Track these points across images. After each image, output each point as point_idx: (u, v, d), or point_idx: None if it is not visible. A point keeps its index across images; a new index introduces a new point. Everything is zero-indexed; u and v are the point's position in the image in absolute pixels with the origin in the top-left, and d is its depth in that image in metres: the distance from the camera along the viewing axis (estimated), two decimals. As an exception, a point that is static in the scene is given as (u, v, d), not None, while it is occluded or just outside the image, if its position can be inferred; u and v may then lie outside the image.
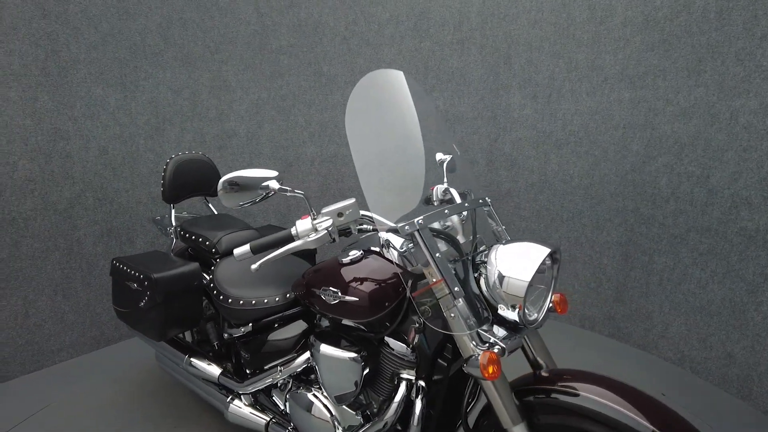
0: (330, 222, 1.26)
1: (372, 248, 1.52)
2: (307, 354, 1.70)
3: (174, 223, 2.22)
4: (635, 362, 2.60)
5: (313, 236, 1.24)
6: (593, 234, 2.85)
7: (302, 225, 1.27)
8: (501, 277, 1.21)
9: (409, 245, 1.50)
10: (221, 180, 1.27)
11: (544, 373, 1.32)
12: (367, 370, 1.44)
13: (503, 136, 3.09)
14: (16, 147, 2.43)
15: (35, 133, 2.48)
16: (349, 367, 1.44)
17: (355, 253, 1.45)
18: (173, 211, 2.24)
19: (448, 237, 1.34)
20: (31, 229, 2.52)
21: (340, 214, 1.27)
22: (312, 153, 3.33)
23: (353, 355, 1.44)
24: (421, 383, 1.38)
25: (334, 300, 1.40)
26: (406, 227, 1.20)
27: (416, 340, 1.38)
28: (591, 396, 1.18)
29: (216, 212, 2.41)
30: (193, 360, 1.97)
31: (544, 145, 2.96)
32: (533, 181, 3.05)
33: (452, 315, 1.19)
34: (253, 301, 1.73)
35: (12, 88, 2.38)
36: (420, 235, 1.20)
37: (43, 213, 2.55)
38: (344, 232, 1.32)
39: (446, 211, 1.29)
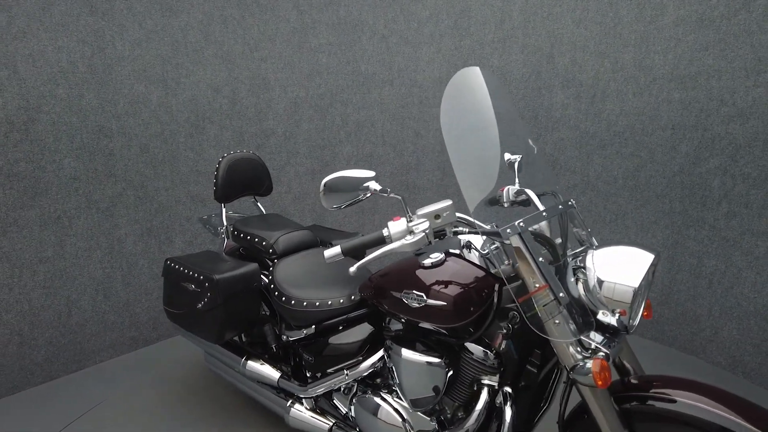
0: (427, 224, 1.23)
1: (451, 250, 1.49)
2: (375, 357, 1.67)
3: (225, 223, 2.19)
4: (681, 366, 2.57)
5: (411, 239, 1.20)
6: (638, 236, 2.81)
7: (396, 227, 1.24)
8: (603, 282, 1.18)
9: (492, 247, 1.47)
10: (324, 181, 1.24)
11: (633, 380, 1.28)
12: (449, 376, 1.41)
13: (545, 135, 3.05)
14: (63, 145, 2.40)
15: (80, 131, 2.45)
16: (432, 373, 1.41)
17: (437, 255, 1.41)
18: (224, 210, 2.21)
19: (544, 240, 1.30)
20: (75, 227, 2.49)
21: (437, 216, 1.24)
22: (348, 152, 3.29)
23: (437, 360, 1.41)
24: (508, 390, 1.35)
25: (418, 304, 1.36)
26: (508, 230, 1.17)
27: (503, 345, 1.35)
28: (689, 402, 1.15)
29: (264, 212, 2.39)
30: (250, 363, 1.94)
31: (588, 145, 2.93)
32: (575, 182, 3.01)
33: (557, 322, 1.15)
34: (317, 303, 1.70)
35: (60, 85, 2.35)
36: (522, 239, 1.17)
37: (86, 211, 2.52)
38: (439, 234, 1.29)
39: (544, 213, 1.25)
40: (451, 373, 1.41)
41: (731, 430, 1.07)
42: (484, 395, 1.38)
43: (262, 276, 1.92)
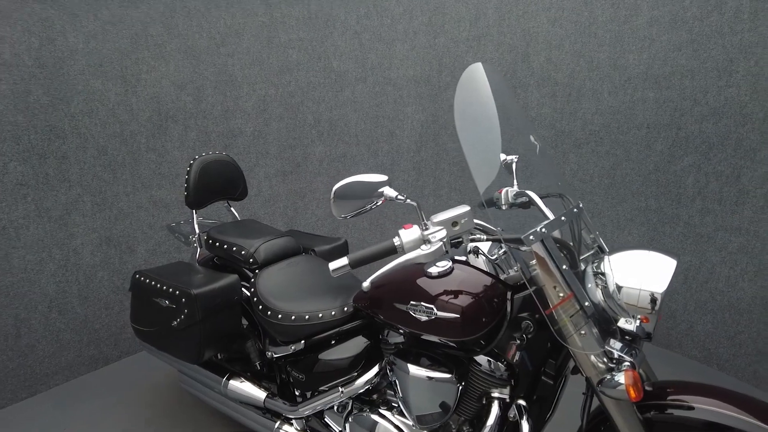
0: (444, 233, 1.14)
1: (456, 256, 1.41)
2: (372, 373, 1.57)
3: (197, 231, 2.02)
4: (658, 360, 2.61)
5: (427, 249, 1.11)
6: (613, 234, 2.85)
7: (408, 236, 1.14)
8: (625, 288, 1.13)
9: (500, 252, 1.40)
10: (335, 187, 1.13)
11: (647, 387, 1.25)
12: (459, 392, 1.33)
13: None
14: (7, 147, 2.15)
15: (28, 131, 2.21)
16: (442, 389, 1.33)
17: (444, 264, 1.33)
18: (195, 216, 2.04)
19: (561, 245, 1.24)
20: (23, 238, 2.25)
21: (454, 224, 1.15)
22: (321, 152, 3.17)
23: (447, 375, 1.32)
24: (522, 403, 1.29)
25: (428, 317, 1.27)
26: (531, 237, 1.10)
27: (516, 356, 1.28)
28: (707, 407, 1.12)
29: (239, 217, 2.23)
30: (233, 382, 1.79)
31: (563, 144, 2.93)
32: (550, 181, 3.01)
33: (582, 332, 1.10)
34: (307, 316, 1.59)
35: (2, 80, 2.11)
36: (545, 245, 1.11)
37: (36, 220, 2.28)
38: (455, 242, 1.20)
39: (563, 218, 1.19)
40: (461, 388, 1.33)
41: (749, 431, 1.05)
42: (495, 409, 1.31)
43: (242, 288, 1.78)
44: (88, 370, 2.56)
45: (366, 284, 1.14)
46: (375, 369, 1.57)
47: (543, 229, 1.11)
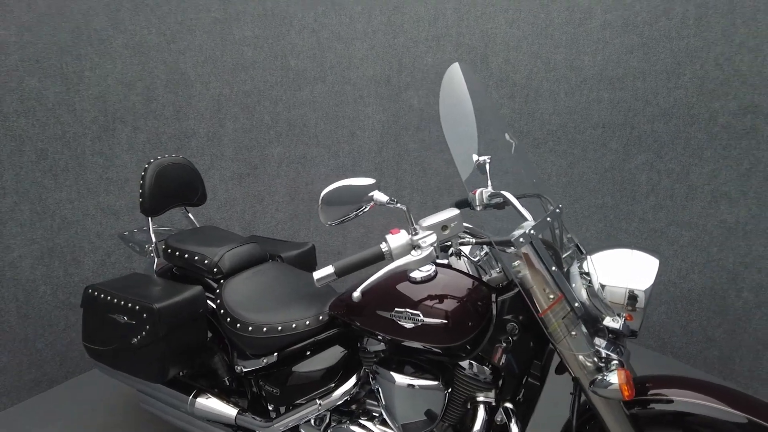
0: (434, 237, 1.10)
1: (438, 260, 1.38)
2: (350, 383, 1.52)
3: (154, 239, 1.89)
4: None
5: (418, 254, 1.07)
6: (572, 231, 2.92)
7: (396, 241, 1.10)
8: (610, 287, 1.15)
9: (482, 253, 1.38)
10: (324, 192, 1.07)
11: None
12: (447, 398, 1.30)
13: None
14: (-69, 151, 1.93)
15: (-45, 134, 2.00)
16: (429, 396, 1.30)
17: (428, 269, 1.30)
18: (151, 224, 1.91)
19: (548, 247, 1.24)
20: (-49, 253, 2.03)
21: (444, 228, 1.12)
22: (279, 154, 3.07)
23: (434, 383, 1.29)
24: (509, 406, 1.28)
25: (414, 324, 1.24)
26: (521, 239, 1.08)
27: (503, 360, 1.27)
28: (684, 399, 1.16)
29: (197, 224, 2.11)
30: (200, 400, 1.68)
31: (522, 144, 2.98)
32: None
33: (573, 334, 1.10)
34: (280, 327, 1.52)
35: (-77, 77, 1.89)
36: (534, 247, 1.10)
37: (-34, 233, 2.06)
38: (444, 246, 1.17)
39: (548, 219, 1.19)
40: (448, 394, 1.31)
41: (724, 420, 1.09)
42: (481, 414, 1.29)
43: (207, 300, 1.68)
44: (30, 394, 2.35)
45: (357, 294, 1.08)
46: (353, 379, 1.52)
47: (532, 231, 1.10)
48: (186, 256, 1.75)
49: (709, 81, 2.33)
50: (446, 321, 1.20)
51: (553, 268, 1.10)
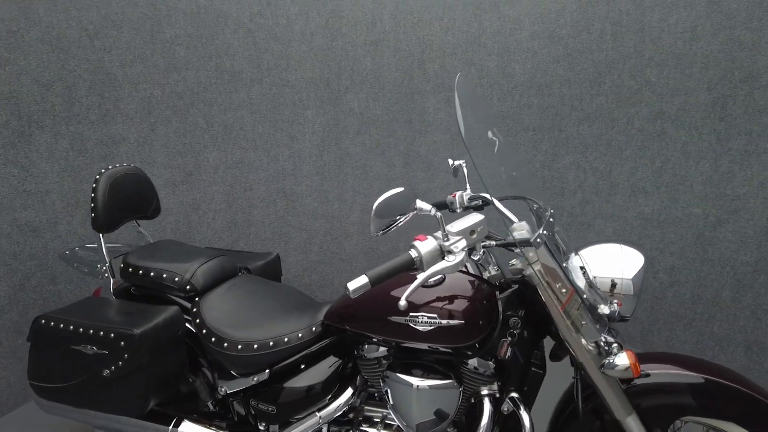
0: (464, 242, 1.14)
1: None
2: (348, 393, 1.51)
3: (107, 258, 1.72)
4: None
5: (453, 260, 1.10)
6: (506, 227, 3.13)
7: (425, 247, 1.12)
8: (599, 278, 1.27)
9: (480, 252, 1.45)
10: (375, 204, 1.06)
11: None
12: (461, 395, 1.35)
13: (419, 139, 3.16)
14: None
15: None
16: (445, 396, 1.33)
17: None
18: (103, 241, 1.73)
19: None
20: None
21: (472, 233, 1.16)
22: (215, 159, 2.91)
23: (449, 381, 1.33)
24: (515, 395, 1.35)
25: (430, 327, 1.27)
26: (538, 240, 1.16)
27: (508, 353, 1.34)
28: (659, 371, 1.33)
29: (151, 238, 1.95)
30: (184, 429, 1.56)
31: (459, 147, 3.13)
32: (448, 181, 3.20)
33: (583, 323, 1.20)
34: (271, 343, 1.47)
35: None
36: (548, 247, 1.18)
37: None
38: (470, 251, 1.21)
39: (551, 219, 1.28)
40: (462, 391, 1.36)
41: (687, 383, 1.27)
42: (487, 406, 1.36)
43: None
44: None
45: (403, 303, 1.08)
46: (350, 388, 1.51)
47: (545, 231, 1.18)
48: (152, 274, 1.61)
49: (625, 89, 2.63)
50: (462, 321, 1.25)
51: (564, 264, 1.19)
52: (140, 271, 1.62)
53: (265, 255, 2.01)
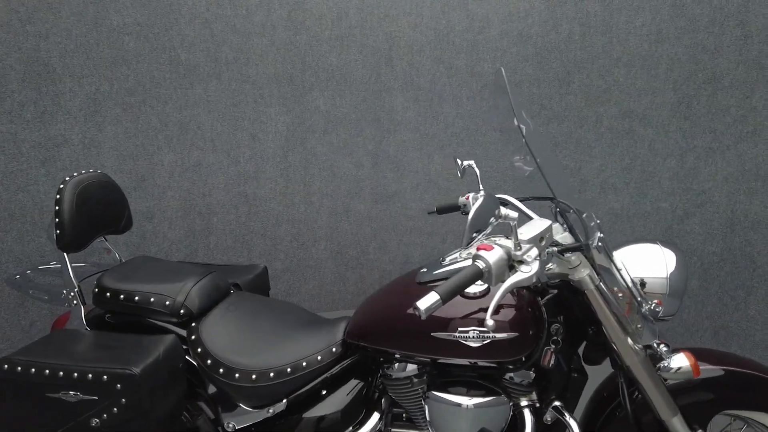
0: (536, 251, 1.06)
1: None
2: (375, 418, 1.38)
3: (75, 282, 1.46)
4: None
5: (529, 270, 1.02)
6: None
7: (492, 257, 1.03)
8: (642, 278, 1.25)
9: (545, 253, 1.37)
10: (472, 216, 0.96)
11: None
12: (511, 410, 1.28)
13: (387, 138, 3.07)
14: None
15: None
16: (497, 413, 1.25)
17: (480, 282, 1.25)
18: (69, 263, 1.47)
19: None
20: None
21: (541, 239, 1.09)
22: (170, 162, 2.63)
23: (498, 397, 1.25)
24: (558, 404, 1.30)
25: (481, 342, 1.18)
26: (600, 243, 1.12)
27: (551, 361, 1.29)
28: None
29: (119, 258, 1.69)
30: None
31: (428, 146, 3.07)
32: (418, 182, 3.14)
33: (639, 326, 1.17)
34: (289, 369, 1.32)
35: None
36: (607, 248, 1.14)
37: None
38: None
39: (598, 221, 1.24)
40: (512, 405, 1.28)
41: (719, 376, 1.30)
42: (529, 418, 1.30)
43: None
44: None
45: (490, 322, 0.98)
46: (376, 413, 1.39)
47: (601, 234, 1.14)
48: (136, 298, 1.38)
49: (594, 89, 2.70)
50: (516, 333, 1.17)
51: (619, 268, 1.16)
52: (121, 296, 1.39)
53: (251, 268, 1.82)
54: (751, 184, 2.30)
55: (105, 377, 1.14)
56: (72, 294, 1.45)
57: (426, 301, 0.96)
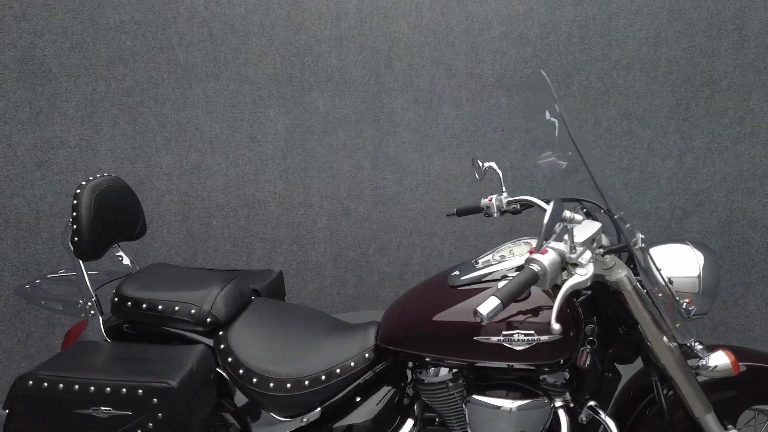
0: (589, 254, 1.06)
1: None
2: (409, 425, 1.37)
3: (92, 291, 1.40)
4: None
5: (585, 273, 1.02)
6: (477, 227, 3.13)
7: (546, 260, 1.02)
8: (672, 277, 1.27)
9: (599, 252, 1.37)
10: (547, 223, 0.95)
11: None
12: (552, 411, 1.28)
13: (387, 139, 3.05)
14: None
15: None
16: (538, 415, 1.25)
17: None
18: (85, 271, 1.40)
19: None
20: None
21: (593, 242, 1.09)
22: (169, 164, 2.56)
23: (540, 399, 1.25)
24: (593, 403, 1.31)
25: (527, 345, 1.17)
26: (643, 244, 1.13)
27: (587, 361, 1.30)
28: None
29: (131, 265, 1.63)
30: None
31: (428, 147, 3.07)
32: (418, 183, 3.13)
33: (677, 325, 1.18)
34: (323, 377, 1.29)
35: None
36: (648, 252, 1.15)
37: None
38: None
39: (634, 222, 1.25)
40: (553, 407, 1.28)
41: (747, 371, 1.31)
42: (565, 418, 1.30)
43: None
44: None
45: (557, 326, 0.97)
46: (410, 420, 1.37)
47: (640, 234, 1.15)
48: (160, 307, 1.33)
49: (593, 91, 2.74)
50: (561, 335, 1.17)
51: (660, 268, 1.17)
52: (143, 305, 1.34)
53: (267, 273, 1.78)
54: (749, 184, 2.38)
55: (140, 391, 1.09)
56: (89, 304, 1.38)
57: (487, 306, 0.95)
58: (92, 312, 1.39)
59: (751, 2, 2.27)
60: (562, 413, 1.30)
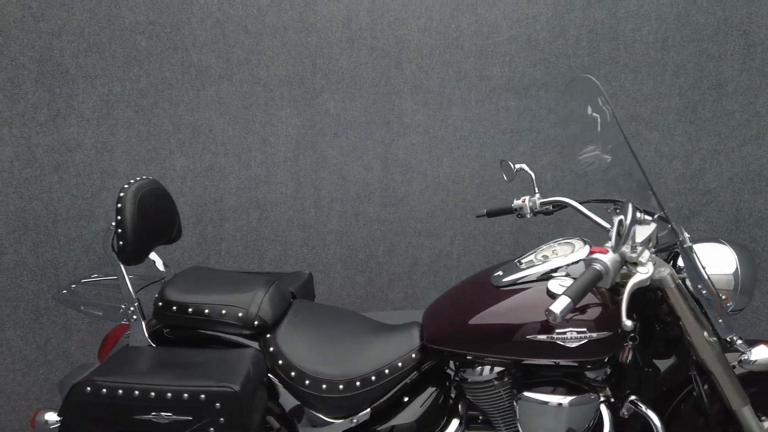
0: (648, 253, 1.09)
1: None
2: (455, 425, 1.39)
3: (134, 295, 1.38)
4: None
5: (646, 271, 1.05)
6: (485, 227, 3.17)
7: (608, 259, 1.05)
8: (714, 275, 1.31)
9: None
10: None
11: None
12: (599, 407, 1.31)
13: (397, 141, 3.07)
14: None
15: None
16: (586, 411, 1.28)
17: (566, 281, 1.27)
18: (127, 276, 1.39)
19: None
20: None
21: (649, 241, 1.12)
22: (182, 166, 2.53)
23: (588, 395, 1.28)
24: (634, 397, 1.35)
25: (579, 342, 1.20)
26: (689, 242, 1.17)
27: (629, 356, 1.33)
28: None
29: (166, 269, 1.62)
30: None
31: (437, 149, 3.09)
32: (427, 185, 3.15)
33: (720, 320, 1.22)
34: (373, 377, 1.31)
35: None
36: (694, 251, 1.19)
37: None
38: None
39: (677, 225, 1.29)
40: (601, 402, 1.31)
41: None
42: (607, 413, 1.33)
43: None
44: None
45: (629, 323, 0.99)
46: (456, 419, 1.39)
47: (686, 233, 1.19)
48: (206, 311, 1.33)
49: (601, 94, 2.80)
50: (611, 332, 1.20)
51: (703, 265, 1.21)
52: (189, 309, 1.33)
53: (298, 275, 1.78)
54: (756, 184, 2.46)
55: (203, 396, 1.08)
56: (132, 309, 1.37)
57: (559, 305, 0.97)
58: (134, 317, 1.38)
59: (758, 8, 2.35)
60: (603, 408, 1.34)
